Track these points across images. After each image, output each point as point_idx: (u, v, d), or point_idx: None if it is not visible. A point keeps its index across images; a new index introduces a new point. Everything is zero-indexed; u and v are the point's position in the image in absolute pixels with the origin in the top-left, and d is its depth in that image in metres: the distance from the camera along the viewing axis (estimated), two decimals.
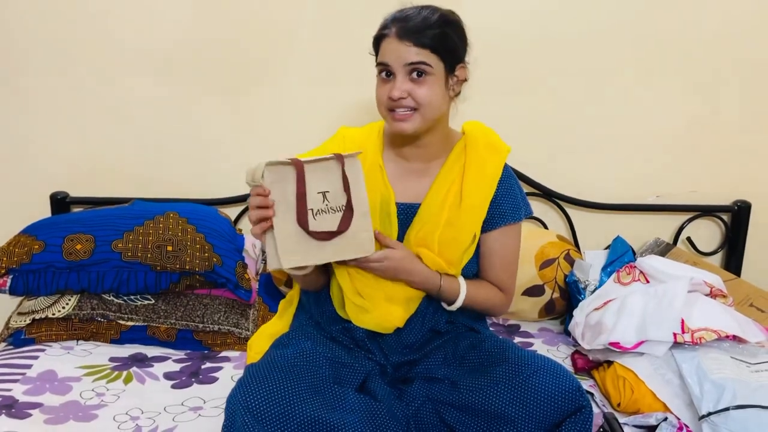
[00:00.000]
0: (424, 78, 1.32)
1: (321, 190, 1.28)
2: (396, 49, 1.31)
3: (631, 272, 1.83)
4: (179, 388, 1.58)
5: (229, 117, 2.08)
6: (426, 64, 1.31)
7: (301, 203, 1.26)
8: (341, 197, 1.30)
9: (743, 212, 2.14)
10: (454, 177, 1.42)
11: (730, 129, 2.12)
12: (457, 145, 1.45)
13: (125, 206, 1.95)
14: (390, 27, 1.34)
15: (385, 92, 1.34)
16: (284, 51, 2.04)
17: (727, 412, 1.38)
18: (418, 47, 1.30)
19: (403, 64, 1.31)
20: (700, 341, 1.55)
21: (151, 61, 2.03)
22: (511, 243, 1.48)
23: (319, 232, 1.27)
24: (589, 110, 2.10)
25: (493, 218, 1.44)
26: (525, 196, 1.52)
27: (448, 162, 1.44)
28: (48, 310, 1.75)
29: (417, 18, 1.33)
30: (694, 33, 2.04)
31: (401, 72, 1.32)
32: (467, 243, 1.40)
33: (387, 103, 1.34)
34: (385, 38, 1.34)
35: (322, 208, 1.29)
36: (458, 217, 1.39)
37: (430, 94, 1.32)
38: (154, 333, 1.77)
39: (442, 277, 1.40)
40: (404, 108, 1.33)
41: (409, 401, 1.32)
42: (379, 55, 1.36)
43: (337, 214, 1.29)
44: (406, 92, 1.32)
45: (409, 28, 1.31)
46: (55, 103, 2.05)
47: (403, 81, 1.32)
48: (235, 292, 1.79)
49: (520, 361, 1.29)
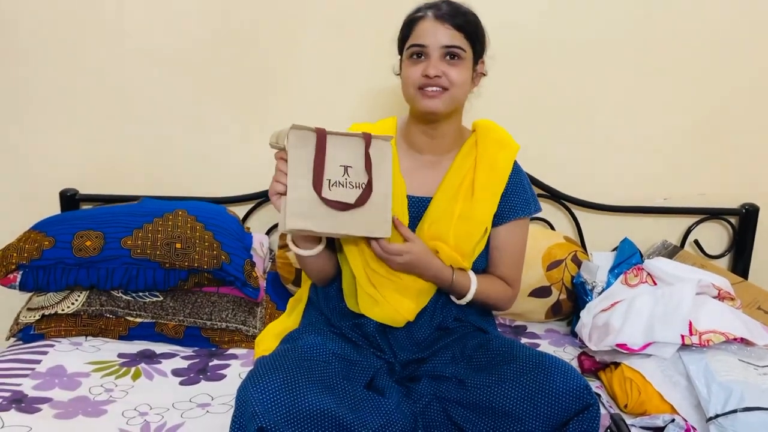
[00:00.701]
0: (457, 61, 1.38)
1: (343, 164, 1.30)
2: (434, 30, 1.36)
3: (639, 274, 1.83)
4: (187, 384, 1.59)
5: (238, 116, 2.09)
6: (461, 48, 1.37)
7: (318, 169, 1.27)
8: (363, 175, 1.31)
9: (751, 215, 2.14)
10: (465, 171, 1.44)
11: (738, 132, 2.12)
12: (468, 141, 1.49)
13: (134, 204, 1.96)
14: (425, 11, 1.39)
15: (418, 71, 1.37)
16: (294, 50, 2.04)
17: (735, 415, 1.38)
18: (454, 30, 1.36)
19: (440, 45, 1.36)
20: (707, 343, 1.55)
21: (161, 60, 2.04)
22: (520, 238, 1.51)
23: (332, 200, 1.28)
24: (597, 112, 2.10)
25: (504, 212, 1.47)
26: (534, 192, 1.54)
27: (459, 156, 1.47)
28: (57, 306, 1.76)
29: (451, 6, 1.40)
30: (703, 35, 2.04)
31: (437, 53, 1.37)
32: (479, 235, 1.43)
33: (420, 81, 1.37)
34: (420, 20, 1.39)
35: (341, 181, 1.30)
36: (470, 210, 1.42)
37: (462, 76, 1.38)
38: (162, 330, 1.78)
39: (454, 271, 1.41)
40: (436, 87, 1.37)
41: (416, 399, 1.33)
42: (413, 37, 1.39)
43: (356, 190, 1.30)
44: (441, 71, 1.36)
45: (445, 12, 1.38)
46: (65, 100, 2.06)
47: (438, 61, 1.36)
48: (242, 290, 1.79)
49: (528, 359, 1.30)
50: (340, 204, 1.29)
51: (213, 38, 2.03)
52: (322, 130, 1.29)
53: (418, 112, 1.44)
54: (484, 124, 1.52)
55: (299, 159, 1.28)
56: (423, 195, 1.46)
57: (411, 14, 1.42)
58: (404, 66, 1.41)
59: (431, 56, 1.37)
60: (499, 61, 2.03)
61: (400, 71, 1.46)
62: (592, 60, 2.06)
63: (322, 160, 1.28)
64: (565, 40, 2.04)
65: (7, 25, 2.00)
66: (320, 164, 1.28)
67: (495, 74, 2.02)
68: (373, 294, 1.38)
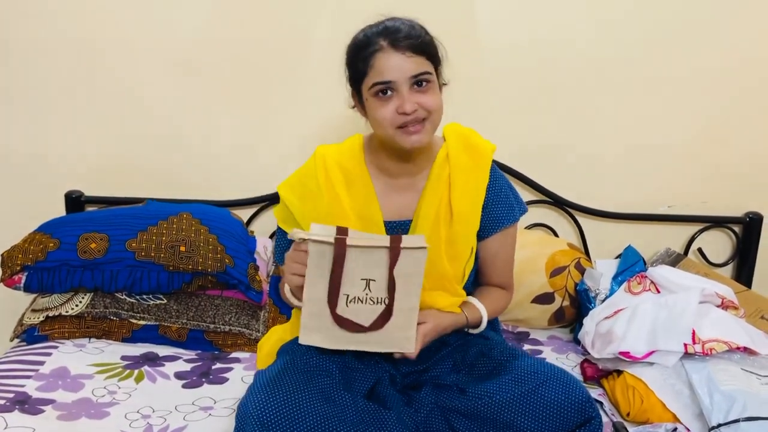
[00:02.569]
0: (427, 86, 1.28)
1: (365, 277, 1.20)
2: (397, 63, 1.25)
3: (642, 282, 1.83)
4: (190, 387, 1.59)
5: (244, 119, 2.09)
6: (428, 73, 1.28)
7: (334, 288, 1.19)
8: (385, 291, 1.21)
9: (755, 224, 2.13)
10: (441, 191, 1.38)
11: (743, 140, 2.12)
12: (440, 154, 1.40)
13: (139, 206, 1.97)
14: (378, 41, 1.27)
15: (391, 110, 1.27)
16: (301, 54, 2.05)
17: (737, 424, 1.38)
18: (417, 56, 1.26)
19: (408, 77, 1.26)
20: (710, 352, 1.55)
21: (167, 62, 2.05)
22: (510, 245, 1.48)
23: (346, 320, 1.21)
24: (602, 119, 2.10)
25: (489, 225, 1.42)
26: (517, 194, 1.49)
27: (432, 175, 1.39)
28: (62, 307, 1.77)
29: (403, 27, 1.28)
30: (706, 43, 2.04)
31: (406, 85, 1.26)
32: (467, 256, 1.40)
33: (397, 120, 1.27)
34: (377, 53, 1.26)
35: (360, 297, 1.21)
36: (453, 233, 1.37)
37: (436, 101, 1.30)
38: (165, 332, 1.78)
39: (465, 312, 1.41)
40: (416, 120, 1.28)
41: (418, 408, 1.32)
42: (374, 74, 1.27)
43: (378, 306, 1.22)
44: (416, 104, 1.27)
45: (402, 38, 1.26)
46: (71, 102, 2.07)
47: (409, 93, 1.26)
48: (246, 293, 1.80)
49: (529, 369, 1.29)
50: (355, 326, 1.21)
51: (221, 41, 2.04)
52: (342, 241, 1.17)
53: (399, 149, 1.34)
54: (452, 132, 1.43)
55: (317, 268, 1.19)
56: (401, 219, 1.40)
57: (361, 43, 1.29)
58: (371, 105, 1.30)
59: (401, 91, 1.26)
60: (504, 68, 2.05)
61: (360, 107, 1.36)
62: (597, 67, 2.06)
63: (339, 276, 1.18)
64: (569, 51, 2.04)
65: (12, 25, 2.01)
66: (337, 281, 1.19)
67: (499, 79, 2.05)
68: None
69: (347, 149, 1.43)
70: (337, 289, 1.20)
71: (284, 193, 1.43)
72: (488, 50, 2.03)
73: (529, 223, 2.15)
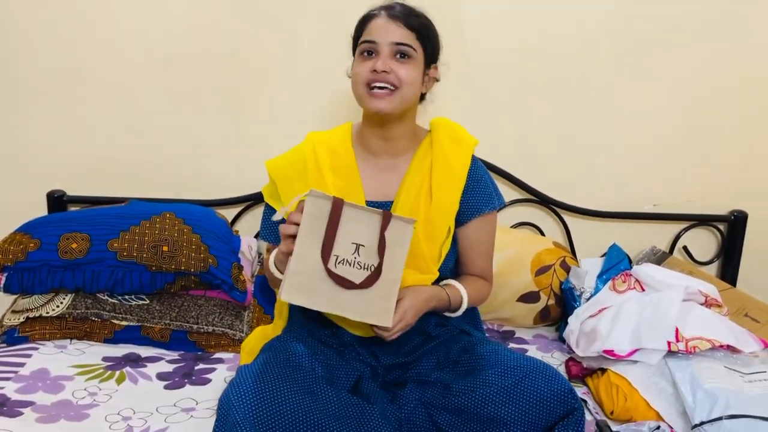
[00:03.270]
0: (407, 60, 1.37)
1: (355, 241, 1.24)
2: (385, 27, 1.36)
3: (627, 280, 1.83)
4: (172, 388, 1.58)
5: (228, 118, 2.08)
6: (411, 47, 1.36)
7: (328, 241, 1.22)
8: (374, 257, 1.25)
9: (739, 222, 2.14)
10: (423, 174, 1.43)
11: (727, 139, 2.12)
12: (424, 142, 1.48)
13: (122, 206, 1.95)
14: (379, 10, 1.39)
15: (367, 67, 1.36)
16: (285, 52, 2.04)
17: (720, 422, 1.38)
18: (406, 29, 1.36)
19: (390, 42, 1.35)
20: (694, 350, 1.55)
21: (150, 61, 2.03)
22: (488, 233, 1.51)
23: (338, 275, 1.22)
24: (587, 118, 2.10)
25: (467, 210, 1.46)
26: (497, 187, 1.54)
27: (416, 159, 1.45)
28: (42, 308, 1.75)
29: (405, 7, 1.40)
30: (691, 42, 2.04)
31: (387, 49, 1.36)
32: (443, 237, 1.43)
33: (368, 77, 1.35)
34: (373, 18, 1.39)
35: (349, 260, 1.24)
36: (431, 212, 1.42)
37: (411, 75, 1.37)
38: (148, 333, 1.77)
39: (446, 289, 1.42)
40: (385, 84, 1.35)
41: (401, 405, 1.32)
42: (365, 34, 1.38)
43: (363, 272, 1.24)
44: (389, 68, 1.34)
45: (398, 11, 1.38)
46: (53, 101, 2.05)
47: (387, 58, 1.35)
48: (230, 293, 1.79)
49: (512, 363, 1.29)
50: (345, 281, 1.23)
51: (203, 41, 2.02)
52: (339, 200, 1.23)
53: (367, 113, 1.42)
54: (439, 123, 1.50)
55: (312, 228, 1.22)
56: (382, 199, 1.45)
57: (365, 15, 1.42)
58: (355, 63, 1.40)
59: (381, 53, 1.35)
60: (488, 66, 2.05)
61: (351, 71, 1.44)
62: (582, 66, 2.06)
63: (334, 231, 1.22)
64: (554, 47, 2.04)
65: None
66: (332, 236, 1.22)
67: (487, 80, 2.05)
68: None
69: (337, 134, 1.50)
70: (331, 245, 1.23)
71: (271, 169, 1.50)
72: (474, 50, 2.03)
73: (515, 221, 2.15)
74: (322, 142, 1.48)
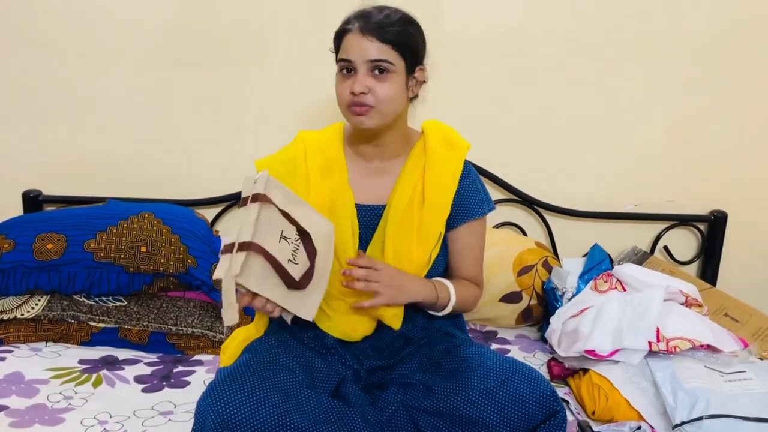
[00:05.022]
0: (386, 75, 1.32)
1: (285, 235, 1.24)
2: (359, 44, 1.31)
3: (608, 280, 1.83)
4: (150, 391, 1.55)
5: (207, 116, 2.06)
6: (388, 62, 1.32)
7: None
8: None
9: (719, 222, 2.16)
10: (416, 178, 1.42)
11: (708, 139, 2.14)
12: (417, 145, 1.45)
13: (99, 206, 1.92)
14: (353, 23, 1.34)
15: (347, 88, 1.33)
16: (265, 52, 2.02)
17: (701, 422, 1.39)
18: (381, 43, 1.31)
19: (366, 60, 1.31)
20: (674, 350, 1.56)
21: (127, 59, 2.00)
22: (478, 238, 1.49)
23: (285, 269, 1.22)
24: (569, 119, 2.10)
25: (458, 215, 1.45)
26: (487, 191, 1.53)
27: (408, 162, 1.43)
28: (17, 310, 1.72)
29: (379, 15, 1.34)
30: (672, 43, 2.06)
31: (363, 68, 1.32)
32: (434, 242, 1.41)
33: (348, 98, 1.33)
34: (347, 33, 1.34)
35: (291, 257, 1.24)
36: (423, 217, 1.40)
37: (390, 92, 1.33)
38: (125, 335, 1.74)
39: (434, 284, 1.40)
40: (363, 102, 1.32)
41: (383, 407, 1.31)
42: (341, 51, 1.35)
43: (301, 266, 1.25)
44: (367, 87, 1.31)
45: (372, 24, 1.32)
46: (28, 99, 2.01)
47: (364, 76, 1.32)
48: (210, 294, 1.76)
49: (494, 365, 1.28)
50: (290, 278, 1.23)
51: (182, 39, 2.00)
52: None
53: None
54: (432, 126, 1.48)
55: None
56: (374, 203, 1.43)
57: (343, 23, 1.37)
58: (336, 80, 1.37)
59: (358, 71, 1.32)
60: (471, 67, 2.04)
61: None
62: (564, 66, 2.06)
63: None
64: (537, 47, 2.04)
65: None
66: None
67: (467, 79, 2.04)
68: (325, 308, 1.36)
69: (328, 134, 1.48)
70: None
71: (262, 168, 1.44)
72: (455, 48, 2.02)
73: (498, 221, 2.15)
74: (313, 142, 1.46)
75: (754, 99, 2.11)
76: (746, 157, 2.16)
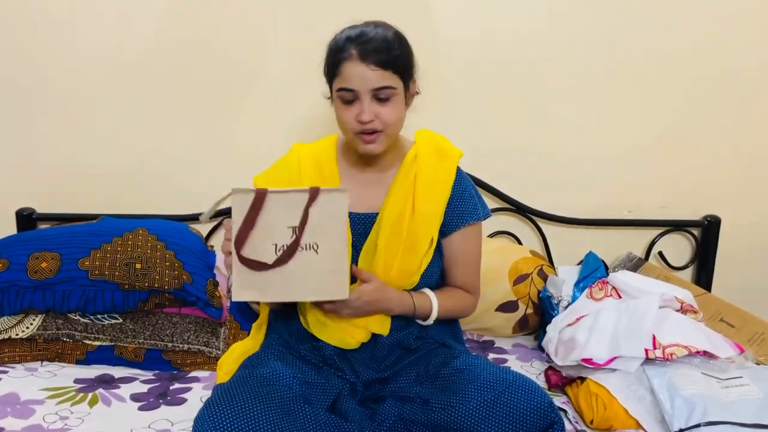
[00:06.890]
0: (389, 100, 1.34)
1: (291, 225, 1.24)
2: (361, 73, 1.32)
3: (604, 288, 1.83)
4: (146, 410, 1.54)
5: (201, 132, 2.06)
6: (391, 87, 1.33)
7: (243, 229, 1.22)
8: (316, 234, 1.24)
9: (713, 227, 2.17)
10: (408, 188, 1.44)
11: (700, 145, 2.15)
12: (409, 154, 1.48)
13: (93, 223, 1.91)
14: (349, 49, 1.33)
15: (352, 116, 1.34)
16: (258, 64, 2.02)
17: (698, 429, 1.39)
18: (383, 70, 1.32)
19: (370, 88, 1.32)
20: (671, 357, 1.56)
21: (120, 76, 2.00)
22: (473, 244, 1.51)
23: (248, 259, 1.22)
24: (562, 126, 2.11)
25: (452, 221, 1.47)
26: (482, 198, 1.54)
27: (401, 172, 1.46)
28: (11, 330, 1.71)
29: (376, 38, 1.33)
30: (664, 51, 2.07)
31: (368, 96, 1.33)
32: (425, 249, 1.43)
33: (356, 126, 1.35)
34: (345, 61, 1.33)
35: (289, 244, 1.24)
36: (413, 225, 1.42)
37: (395, 114, 1.36)
38: (121, 353, 1.73)
39: (413, 296, 1.40)
40: (372, 130, 1.35)
41: (380, 421, 1.31)
42: (341, 79, 1.34)
43: (309, 252, 1.24)
44: (374, 115, 1.33)
45: (370, 50, 1.31)
46: (21, 116, 2.01)
47: (370, 104, 1.33)
48: (205, 310, 1.76)
49: (491, 377, 1.29)
50: (256, 263, 1.22)
51: (173, 54, 2.00)
52: (262, 190, 1.23)
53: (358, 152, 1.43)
54: (424, 136, 1.51)
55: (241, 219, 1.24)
56: (368, 211, 1.45)
57: (335, 47, 1.36)
58: (337, 106, 1.38)
59: (362, 100, 1.33)
60: (464, 76, 2.05)
61: (331, 100, 1.42)
62: (556, 74, 2.07)
63: (252, 220, 1.22)
64: (530, 58, 2.05)
65: None
66: (248, 224, 1.22)
67: (461, 87, 2.05)
68: (320, 317, 1.37)
69: (322, 146, 1.51)
70: (246, 233, 1.22)
71: (261, 184, 1.47)
72: (447, 58, 2.03)
73: (492, 230, 2.15)
74: (307, 154, 1.49)
75: (745, 106, 2.13)
76: (738, 161, 2.17)
